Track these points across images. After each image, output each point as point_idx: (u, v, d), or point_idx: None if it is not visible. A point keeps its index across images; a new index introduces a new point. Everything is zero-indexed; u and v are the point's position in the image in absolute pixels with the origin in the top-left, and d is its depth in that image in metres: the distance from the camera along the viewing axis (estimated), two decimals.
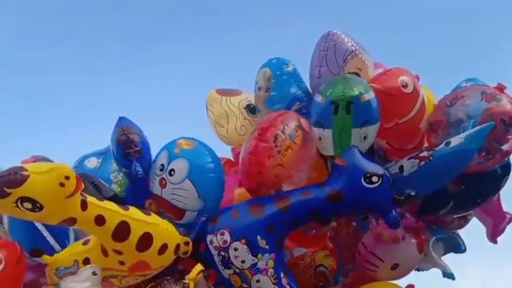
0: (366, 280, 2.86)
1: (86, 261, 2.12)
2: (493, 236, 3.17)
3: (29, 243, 2.26)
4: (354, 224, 2.94)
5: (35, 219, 2.03)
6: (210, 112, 3.10)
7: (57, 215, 1.95)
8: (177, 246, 2.22)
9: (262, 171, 2.35)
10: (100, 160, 2.69)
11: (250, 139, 2.44)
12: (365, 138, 2.47)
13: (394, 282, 2.86)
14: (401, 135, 2.66)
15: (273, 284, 2.28)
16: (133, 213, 2.11)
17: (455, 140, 2.42)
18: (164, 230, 2.17)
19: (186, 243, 2.24)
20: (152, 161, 2.43)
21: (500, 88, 2.57)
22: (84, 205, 1.99)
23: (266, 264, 2.28)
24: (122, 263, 2.12)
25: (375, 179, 2.30)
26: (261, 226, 2.31)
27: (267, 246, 2.31)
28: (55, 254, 2.13)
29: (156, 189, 2.37)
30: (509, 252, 4.45)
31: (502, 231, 3.14)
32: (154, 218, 2.18)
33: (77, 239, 2.35)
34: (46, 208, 1.88)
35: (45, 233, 2.31)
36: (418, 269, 3.07)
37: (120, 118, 2.45)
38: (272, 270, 2.28)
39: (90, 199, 2.01)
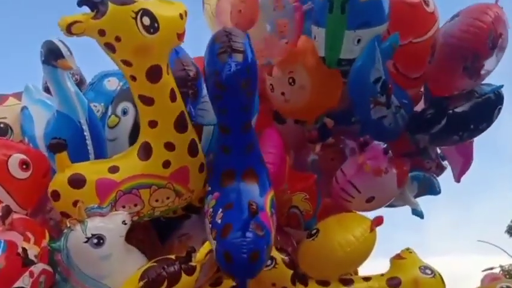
0: (336, 209, 2.79)
1: (114, 169, 2.06)
2: (459, 176, 3.24)
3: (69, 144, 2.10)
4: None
5: (134, 50, 1.91)
6: (207, 5, 2.87)
7: (159, 52, 1.94)
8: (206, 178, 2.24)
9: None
10: (122, 84, 2.50)
11: None
12: (359, 41, 2.34)
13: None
14: (411, 58, 2.54)
15: (209, 222, 2.14)
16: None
17: None
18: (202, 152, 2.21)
19: None
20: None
21: None
22: (168, 68, 2.01)
23: (208, 206, 2.20)
24: (167, 164, 2.09)
25: None
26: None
27: (209, 188, 2.26)
28: (77, 163, 2.06)
29: None
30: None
31: (465, 172, 3.25)
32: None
33: None
34: (160, 33, 1.88)
35: (88, 140, 2.21)
36: (389, 205, 2.99)
37: (176, 49, 2.22)
38: (211, 209, 2.16)
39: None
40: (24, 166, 2.06)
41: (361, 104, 2.53)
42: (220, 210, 2.10)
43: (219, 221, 2.08)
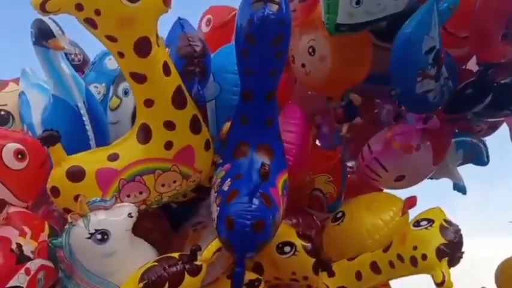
0: (364, 186, 2.65)
1: (114, 157, 1.94)
2: None
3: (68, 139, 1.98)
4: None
5: (117, 23, 1.75)
6: None
7: (144, 22, 1.77)
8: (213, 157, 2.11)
9: None
10: None
11: None
12: (357, 3, 2.09)
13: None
14: (462, 14, 2.18)
15: (215, 192, 2.03)
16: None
17: None
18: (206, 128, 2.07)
19: None
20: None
21: None
22: (158, 39, 1.85)
23: (216, 177, 2.09)
24: (169, 145, 1.95)
25: None
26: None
27: (221, 160, 2.14)
28: (73, 155, 1.94)
29: None
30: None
31: None
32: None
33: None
34: (143, 1, 1.72)
35: (88, 126, 2.10)
36: (430, 178, 2.75)
37: (180, 20, 2.10)
38: (219, 180, 2.05)
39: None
40: (19, 156, 1.92)
41: (406, 78, 2.23)
42: (229, 179, 1.98)
43: (226, 188, 1.96)
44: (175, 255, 1.89)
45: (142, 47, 1.79)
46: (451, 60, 2.35)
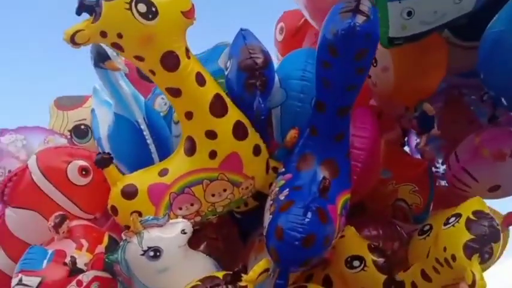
0: (455, 196, 2.36)
1: (164, 172, 1.97)
2: None
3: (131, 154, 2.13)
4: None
5: (139, 42, 1.80)
6: None
7: (166, 37, 1.81)
8: (268, 162, 2.08)
9: None
10: None
11: None
12: (409, 14, 1.95)
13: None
14: None
15: (271, 200, 1.97)
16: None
17: None
18: (255, 133, 2.03)
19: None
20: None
21: None
22: (188, 52, 1.88)
23: (275, 185, 2.02)
24: (213, 154, 1.96)
25: None
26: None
27: (283, 169, 2.07)
28: (127, 174, 2.02)
29: None
30: None
31: None
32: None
33: None
34: (161, 17, 1.76)
35: (149, 140, 2.16)
36: None
37: (243, 31, 2.09)
38: (277, 189, 1.98)
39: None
40: (83, 172, 2.05)
41: (502, 80, 2.00)
42: (287, 189, 1.91)
43: (282, 198, 1.89)
44: (220, 274, 1.85)
45: (169, 61, 1.82)
46: None
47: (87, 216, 2.08)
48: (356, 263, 2.10)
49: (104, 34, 1.74)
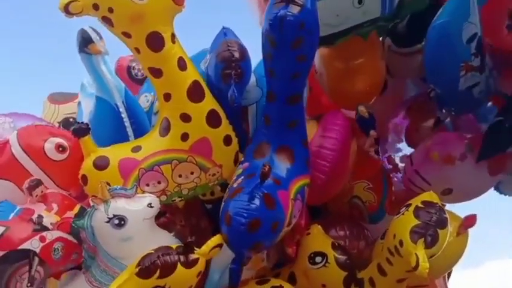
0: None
1: (136, 149, 2.04)
2: None
3: (110, 137, 2.19)
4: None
5: (129, 19, 1.90)
6: None
7: (154, 17, 1.90)
8: (237, 154, 2.14)
9: None
10: None
11: None
12: (360, 2, 2.03)
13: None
14: None
15: (228, 188, 2.02)
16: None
17: None
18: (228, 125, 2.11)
19: None
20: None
21: None
22: (174, 37, 1.97)
23: (234, 174, 2.07)
24: (185, 136, 2.02)
25: None
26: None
27: (243, 158, 2.12)
28: (102, 148, 2.08)
29: None
30: None
31: None
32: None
33: None
34: None
35: (127, 123, 2.26)
36: (500, 192, 2.51)
37: (224, 29, 2.20)
38: (235, 177, 2.03)
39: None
40: (60, 149, 2.14)
41: (447, 74, 2.07)
42: (242, 177, 1.98)
43: (235, 186, 1.95)
44: (174, 246, 1.90)
45: (155, 41, 1.93)
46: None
47: (60, 192, 2.14)
48: (318, 259, 2.16)
49: (96, 7, 1.86)
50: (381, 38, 2.35)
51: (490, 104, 2.30)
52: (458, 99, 2.13)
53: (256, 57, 2.17)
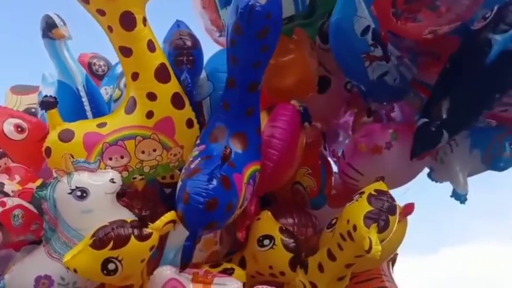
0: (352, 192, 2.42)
1: (102, 125, 2.09)
2: None
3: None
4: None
5: None
6: None
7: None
8: (198, 138, 2.18)
9: None
10: None
11: None
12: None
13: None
14: None
15: (184, 168, 2.08)
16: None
17: None
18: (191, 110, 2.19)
19: None
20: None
21: None
22: (145, 21, 2.04)
23: (190, 156, 2.13)
24: (150, 114, 2.09)
25: None
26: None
27: (198, 141, 2.18)
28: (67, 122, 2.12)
29: None
30: None
31: None
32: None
33: None
34: None
35: (87, 106, 2.32)
36: (432, 179, 2.58)
37: (178, 22, 2.30)
38: (191, 158, 2.09)
39: None
40: (19, 129, 2.22)
41: (352, 65, 2.23)
42: (199, 159, 2.04)
43: (192, 166, 2.01)
44: (129, 220, 1.95)
45: (127, 20, 2.02)
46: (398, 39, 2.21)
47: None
48: (266, 241, 2.22)
49: None
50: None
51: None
52: (376, 89, 2.26)
53: (206, 55, 2.36)
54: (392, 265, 2.68)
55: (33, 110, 2.66)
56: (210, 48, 2.58)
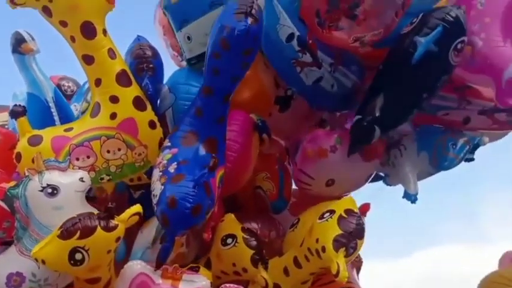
0: (311, 199, 2.60)
1: (69, 129, 2.21)
2: (502, 96, 2.18)
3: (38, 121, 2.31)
4: None
5: (66, 8, 2.10)
6: None
7: (88, 8, 2.11)
8: (161, 139, 2.31)
9: None
10: None
11: None
12: (189, 38, 2.41)
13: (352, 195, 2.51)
14: None
15: (160, 171, 2.17)
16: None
17: None
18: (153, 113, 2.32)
19: None
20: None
21: None
22: (105, 32, 2.20)
23: (162, 158, 2.21)
24: (113, 115, 2.21)
25: None
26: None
27: (169, 144, 2.28)
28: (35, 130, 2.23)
29: None
30: None
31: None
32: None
33: None
34: None
35: (56, 116, 2.45)
36: (386, 183, 2.69)
37: (139, 37, 2.46)
38: (166, 162, 2.18)
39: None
40: None
41: (285, 71, 2.38)
42: (175, 163, 2.13)
43: (172, 170, 2.10)
44: (96, 212, 2.03)
45: (88, 30, 2.18)
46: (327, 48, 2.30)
47: None
48: (229, 240, 2.33)
49: None
50: None
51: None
52: (315, 95, 2.39)
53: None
54: (357, 272, 2.81)
55: (6, 126, 2.75)
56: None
